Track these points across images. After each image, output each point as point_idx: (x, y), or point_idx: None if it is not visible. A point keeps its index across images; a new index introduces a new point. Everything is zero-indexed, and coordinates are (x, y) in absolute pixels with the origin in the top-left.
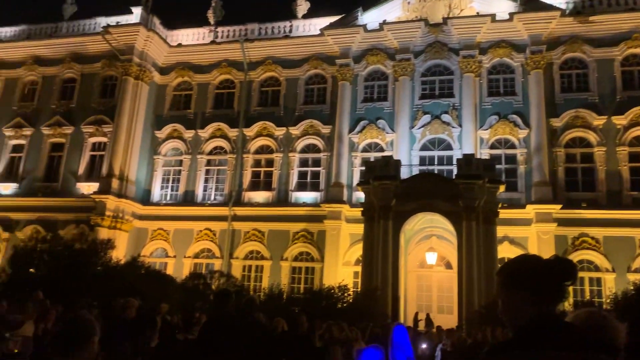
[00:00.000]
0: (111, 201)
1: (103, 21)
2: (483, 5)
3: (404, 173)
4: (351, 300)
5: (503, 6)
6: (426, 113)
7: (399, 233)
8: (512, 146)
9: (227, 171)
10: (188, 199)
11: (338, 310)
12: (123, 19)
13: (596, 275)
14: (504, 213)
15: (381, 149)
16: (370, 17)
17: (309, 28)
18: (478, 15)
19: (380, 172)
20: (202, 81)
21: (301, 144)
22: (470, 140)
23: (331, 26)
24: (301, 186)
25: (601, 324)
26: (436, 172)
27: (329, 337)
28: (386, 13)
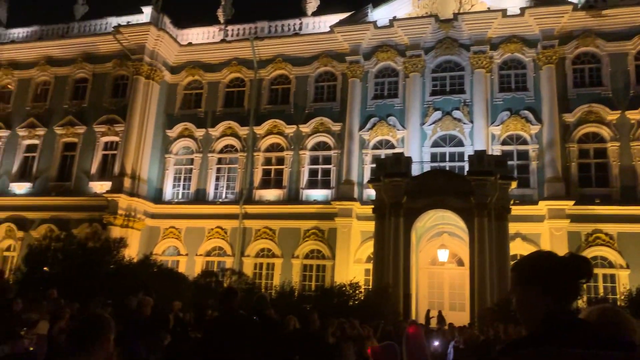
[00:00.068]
0: (123, 200)
1: (114, 21)
2: (494, 0)
3: (415, 170)
4: (363, 297)
5: (514, 1)
6: (437, 109)
7: (410, 230)
8: (524, 142)
9: (238, 169)
10: (199, 198)
11: (349, 307)
12: (134, 19)
13: (610, 271)
14: (516, 209)
15: (392, 146)
16: (380, 14)
17: (319, 25)
18: (489, 10)
19: (391, 169)
20: (213, 80)
21: (312, 142)
22: (481, 136)
23: (341, 23)
24: (312, 184)
25: (615, 321)
26: (447, 169)
27: (341, 335)
28: (396, 9)
